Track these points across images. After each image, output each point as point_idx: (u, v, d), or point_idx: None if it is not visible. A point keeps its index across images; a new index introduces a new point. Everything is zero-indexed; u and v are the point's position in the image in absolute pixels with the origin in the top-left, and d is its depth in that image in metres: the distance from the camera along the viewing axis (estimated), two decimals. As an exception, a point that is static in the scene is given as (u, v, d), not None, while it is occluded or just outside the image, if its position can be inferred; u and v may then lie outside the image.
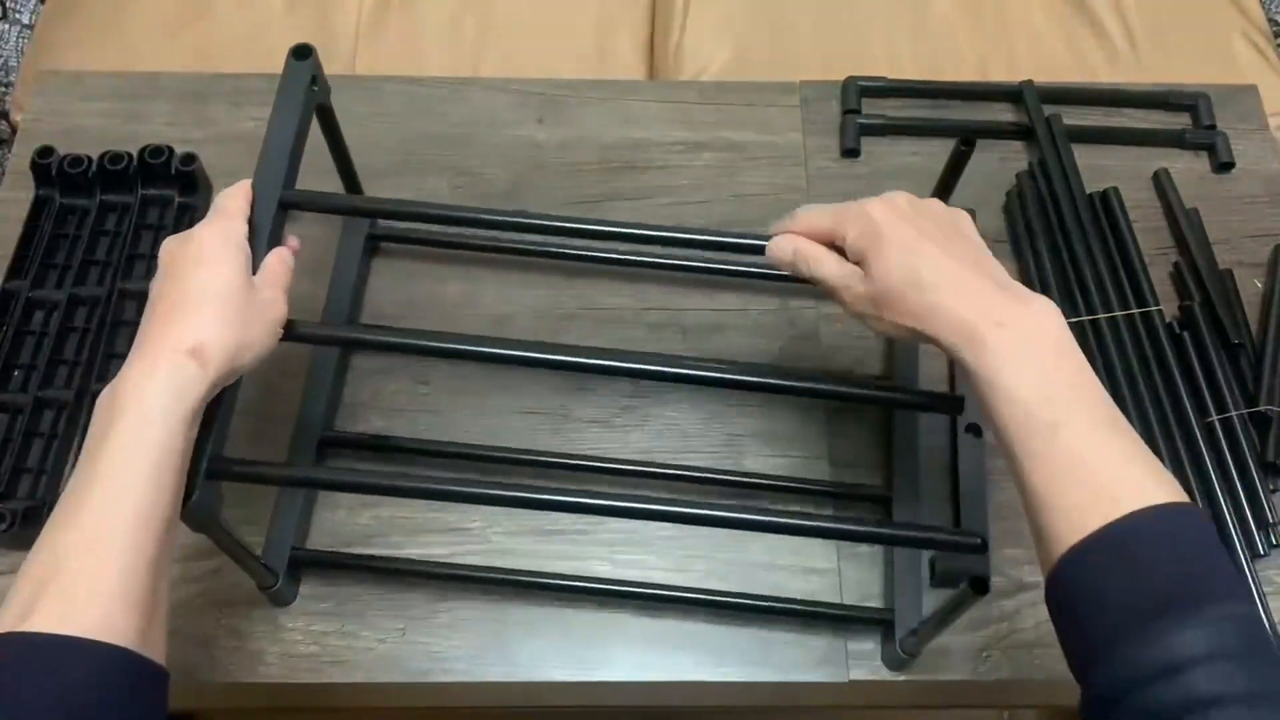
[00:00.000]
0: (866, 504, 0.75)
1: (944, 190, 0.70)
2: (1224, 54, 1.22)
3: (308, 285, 0.79)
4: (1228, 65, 1.21)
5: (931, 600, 0.70)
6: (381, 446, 0.74)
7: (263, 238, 0.59)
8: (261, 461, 0.62)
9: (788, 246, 0.60)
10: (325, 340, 0.73)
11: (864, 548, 0.73)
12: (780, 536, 0.72)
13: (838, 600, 0.71)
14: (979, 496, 0.73)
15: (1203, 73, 0.98)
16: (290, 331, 0.59)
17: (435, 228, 0.81)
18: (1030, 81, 0.93)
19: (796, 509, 0.72)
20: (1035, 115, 0.90)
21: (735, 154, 0.89)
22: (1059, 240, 0.85)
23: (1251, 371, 0.78)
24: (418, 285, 0.82)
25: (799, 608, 0.69)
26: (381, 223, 0.82)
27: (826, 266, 0.58)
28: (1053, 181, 0.86)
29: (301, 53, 0.64)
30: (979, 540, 0.59)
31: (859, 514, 0.74)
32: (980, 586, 0.56)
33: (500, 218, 0.64)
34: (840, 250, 0.58)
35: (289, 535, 0.69)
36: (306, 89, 0.63)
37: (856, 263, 0.57)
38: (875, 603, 0.71)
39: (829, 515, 0.73)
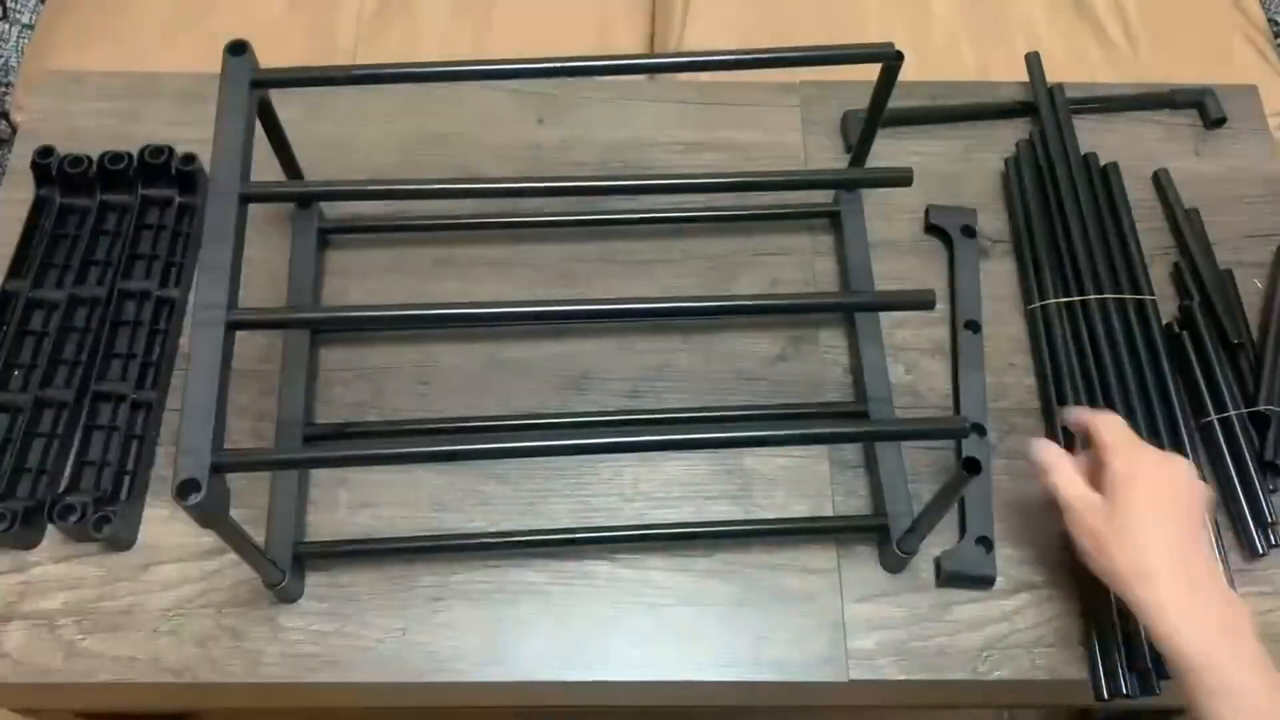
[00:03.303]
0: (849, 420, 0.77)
1: (874, 109, 0.72)
2: (1224, 54, 1.22)
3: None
4: (1228, 65, 1.21)
5: (932, 592, 0.70)
6: (365, 433, 0.75)
7: (228, 233, 0.61)
8: (265, 449, 0.62)
9: (1050, 457, 0.67)
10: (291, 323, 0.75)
11: (862, 547, 0.72)
12: (780, 538, 0.72)
13: (835, 585, 0.71)
14: (980, 496, 0.74)
15: (1202, 73, 0.98)
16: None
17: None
18: (1037, 54, 0.92)
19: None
20: (1038, 85, 0.90)
21: (735, 154, 0.89)
22: (1052, 210, 0.85)
23: (1251, 371, 0.78)
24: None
25: (795, 527, 0.70)
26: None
27: (1071, 490, 0.65)
28: (1050, 149, 0.86)
29: (237, 49, 0.64)
30: (967, 425, 0.61)
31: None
32: (973, 467, 0.57)
33: (443, 186, 0.66)
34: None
35: (289, 531, 0.69)
36: (249, 85, 0.63)
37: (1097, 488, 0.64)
38: (876, 601, 0.71)
39: (817, 428, 0.75)
